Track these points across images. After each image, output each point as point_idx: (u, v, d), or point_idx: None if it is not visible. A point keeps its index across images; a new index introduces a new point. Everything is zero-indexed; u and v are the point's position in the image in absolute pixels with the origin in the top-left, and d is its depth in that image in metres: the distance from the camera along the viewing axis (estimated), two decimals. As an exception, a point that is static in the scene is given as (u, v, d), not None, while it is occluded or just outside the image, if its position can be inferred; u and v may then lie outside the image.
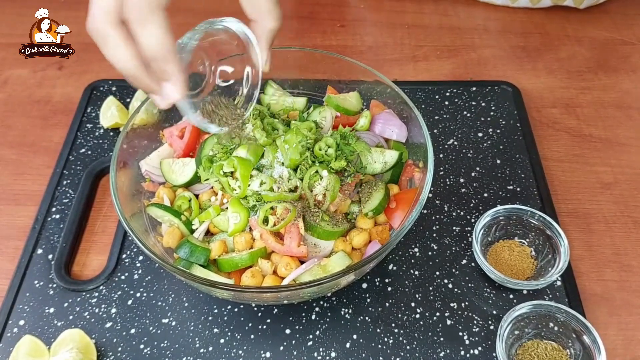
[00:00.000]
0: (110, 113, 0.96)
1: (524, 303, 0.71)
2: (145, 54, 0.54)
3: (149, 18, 0.52)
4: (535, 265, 0.79)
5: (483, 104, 1.00)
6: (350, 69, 0.85)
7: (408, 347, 0.73)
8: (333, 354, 0.73)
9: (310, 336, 0.74)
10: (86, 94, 1.03)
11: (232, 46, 0.65)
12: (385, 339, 0.74)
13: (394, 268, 0.80)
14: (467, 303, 0.77)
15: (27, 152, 0.97)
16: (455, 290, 0.78)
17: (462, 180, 0.90)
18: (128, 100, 1.01)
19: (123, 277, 0.79)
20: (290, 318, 0.76)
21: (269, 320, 0.75)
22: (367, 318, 0.76)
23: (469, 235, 0.83)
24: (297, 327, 0.75)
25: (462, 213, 0.86)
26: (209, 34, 0.63)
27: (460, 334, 0.74)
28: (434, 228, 0.84)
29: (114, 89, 1.03)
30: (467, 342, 0.73)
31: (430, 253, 0.82)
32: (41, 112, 1.03)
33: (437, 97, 1.02)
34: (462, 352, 0.72)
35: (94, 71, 1.08)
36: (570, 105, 1.03)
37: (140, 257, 0.81)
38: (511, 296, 0.77)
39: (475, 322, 0.75)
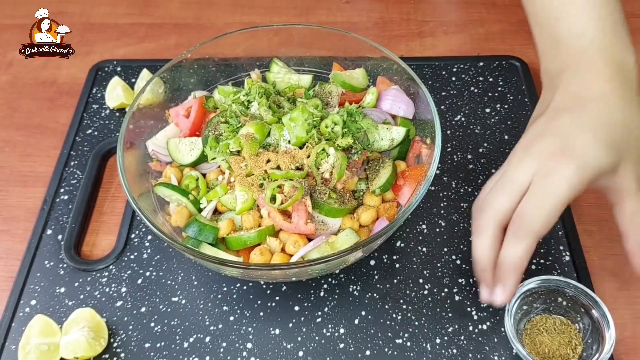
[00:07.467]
0: (115, 93, 0.96)
1: (533, 278, 0.71)
2: (503, 259, 0.63)
3: (524, 238, 0.61)
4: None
5: (491, 80, 0.99)
6: (356, 46, 0.84)
7: (416, 323, 0.73)
8: (342, 330, 0.73)
9: (319, 313, 0.75)
10: (91, 75, 1.02)
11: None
12: (394, 315, 0.74)
13: (402, 245, 0.80)
14: (475, 279, 0.76)
15: (34, 133, 0.97)
16: (464, 266, 0.78)
17: (469, 156, 0.89)
18: (133, 80, 1.00)
19: (132, 257, 0.80)
20: (299, 295, 0.76)
21: (277, 298, 0.76)
22: (375, 295, 0.76)
23: (476, 211, 0.83)
24: (305, 304, 0.75)
25: (469, 189, 0.86)
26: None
27: (469, 309, 0.74)
28: (442, 205, 0.84)
29: (119, 69, 1.03)
30: (475, 317, 0.73)
31: (438, 230, 0.82)
32: (47, 93, 1.03)
33: (444, 73, 1.01)
34: (471, 328, 0.73)
35: (98, 52, 1.08)
36: (579, 80, 1.01)
37: (149, 237, 0.82)
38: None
39: (483, 297, 0.75)
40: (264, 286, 0.77)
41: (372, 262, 0.79)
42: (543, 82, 0.72)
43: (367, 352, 0.71)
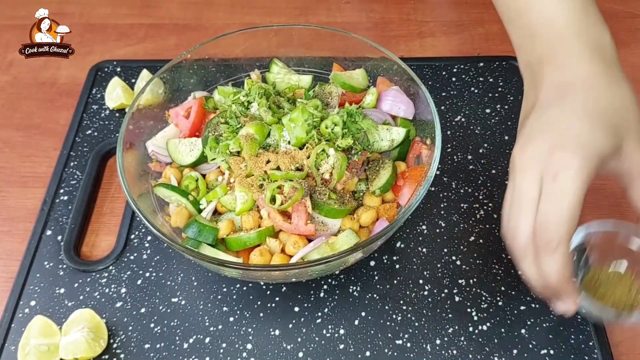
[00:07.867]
0: (115, 94, 0.96)
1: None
2: (545, 279, 0.61)
3: (555, 250, 0.58)
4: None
5: (491, 80, 0.99)
6: (356, 46, 0.84)
7: (416, 324, 0.73)
8: (342, 331, 0.73)
9: (319, 314, 0.74)
10: (91, 75, 1.02)
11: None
12: (394, 316, 0.74)
13: (402, 246, 0.80)
14: (475, 280, 0.77)
15: (34, 134, 0.97)
16: (464, 267, 0.78)
17: (469, 157, 0.89)
18: (133, 80, 1.00)
19: (132, 257, 0.80)
20: (299, 296, 0.76)
21: (277, 299, 0.76)
22: (375, 295, 0.76)
23: (476, 212, 0.83)
24: (305, 304, 0.75)
25: (469, 190, 0.86)
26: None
27: (469, 310, 0.74)
28: (442, 205, 0.84)
29: (118, 69, 1.03)
30: (475, 318, 0.73)
31: (438, 230, 0.82)
32: (47, 94, 1.02)
33: (444, 73, 1.01)
34: (471, 328, 0.73)
35: (98, 52, 1.08)
36: (579, 80, 1.01)
37: (149, 237, 0.82)
38: (520, 272, 0.77)
39: (483, 298, 0.75)
40: (264, 287, 0.77)
41: (372, 263, 0.79)
42: (524, 77, 0.70)
43: (367, 353, 0.71)
